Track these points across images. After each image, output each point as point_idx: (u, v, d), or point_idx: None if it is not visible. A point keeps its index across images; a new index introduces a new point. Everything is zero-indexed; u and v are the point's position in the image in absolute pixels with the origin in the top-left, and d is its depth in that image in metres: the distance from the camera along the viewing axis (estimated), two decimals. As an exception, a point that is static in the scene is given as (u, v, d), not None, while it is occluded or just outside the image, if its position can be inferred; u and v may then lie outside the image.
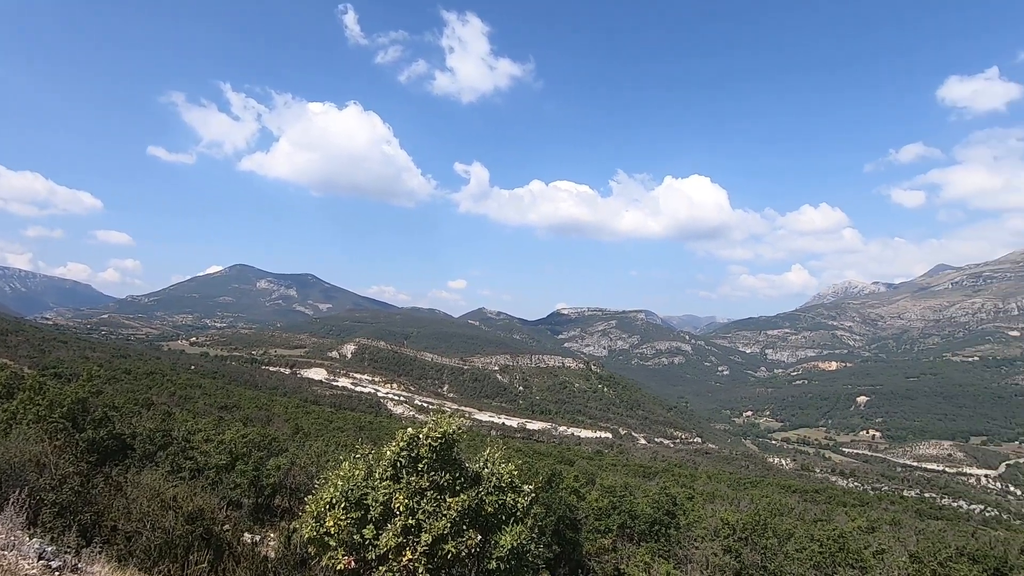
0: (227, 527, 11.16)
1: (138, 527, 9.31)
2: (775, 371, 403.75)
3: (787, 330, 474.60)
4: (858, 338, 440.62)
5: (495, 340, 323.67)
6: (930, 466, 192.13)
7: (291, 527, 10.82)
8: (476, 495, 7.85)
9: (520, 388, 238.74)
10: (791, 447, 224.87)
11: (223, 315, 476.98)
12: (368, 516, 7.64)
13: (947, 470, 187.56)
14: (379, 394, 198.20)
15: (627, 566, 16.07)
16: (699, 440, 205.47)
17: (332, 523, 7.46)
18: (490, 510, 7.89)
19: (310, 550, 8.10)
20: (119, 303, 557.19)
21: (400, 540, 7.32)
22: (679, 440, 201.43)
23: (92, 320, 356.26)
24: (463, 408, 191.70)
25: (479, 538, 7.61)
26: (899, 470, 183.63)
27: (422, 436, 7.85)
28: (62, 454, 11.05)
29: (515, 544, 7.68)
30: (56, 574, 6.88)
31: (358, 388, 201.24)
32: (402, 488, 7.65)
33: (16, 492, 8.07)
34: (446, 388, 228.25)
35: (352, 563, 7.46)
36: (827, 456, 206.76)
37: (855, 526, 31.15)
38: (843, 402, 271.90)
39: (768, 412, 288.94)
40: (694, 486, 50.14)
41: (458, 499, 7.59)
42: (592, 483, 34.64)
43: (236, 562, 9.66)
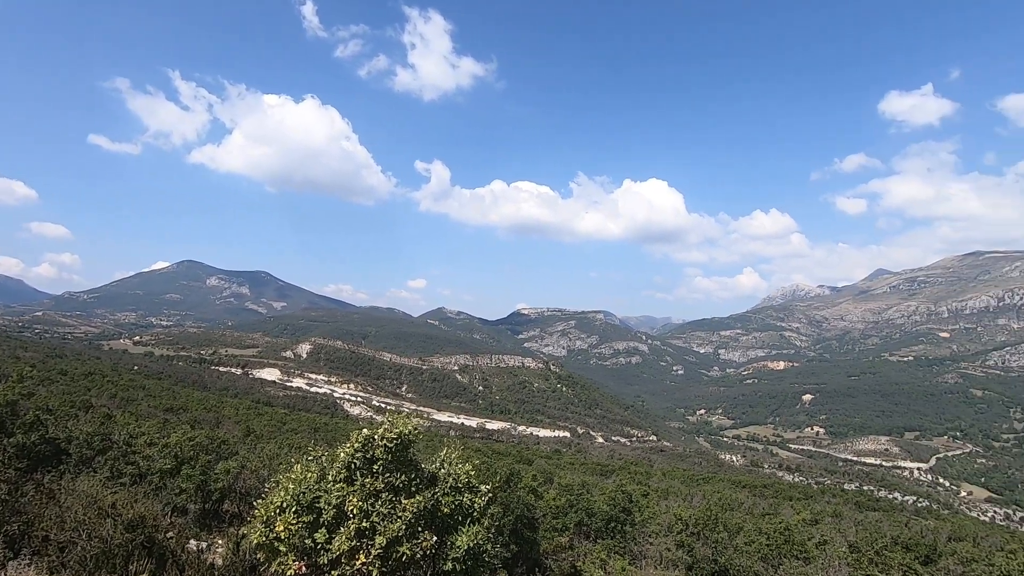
0: (171, 534, 10.70)
1: (72, 536, 8.81)
2: (727, 370, 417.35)
3: (739, 331, 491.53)
4: (804, 339, 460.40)
5: (455, 340, 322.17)
6: (869, 460, 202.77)
7: (240, 533, 10.46)
8: (432, 496, 7.78)
9: (480, 388, 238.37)
10: (742, 444, 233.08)
11: (170, 313, 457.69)
12: (320, 520, 7.45)
13: (884, 464, 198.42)
14: (335, 395, 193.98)
15: (584, 563, 16.25)
16: (655, 438, 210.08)
17: (282, 528, 7.24)
18: (446, 511, 7.84)
19: (259, 556, 7.84)
20: (55, 300, 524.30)
21: (353, 543, 7.17)
22: (635, 438, 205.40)
23: (24, 318, 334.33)
24: (422, 408, 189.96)
25: (435, 539, 7.55)
26: (840, 464, 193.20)
27: (377, 437, 7.72)
28: (-13, 461, 10.34)
29: (472, 544, 7.65)
30: (-22, 589, 6.43)
31: (313, 389, 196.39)
32: (356, 490, 7.50)
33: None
34: (405, 388, 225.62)
35: (303, 568, 7.27)
36: (775, 452, 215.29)
37: (800, 519, 32.49)
38: (790, 400, 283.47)
39: (720, 410, 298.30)
40: (649, 483, 51.20)
41: (414, 500, 7.51)
42: (550, 482, 34.89)
43: (180, 570, 9.29)
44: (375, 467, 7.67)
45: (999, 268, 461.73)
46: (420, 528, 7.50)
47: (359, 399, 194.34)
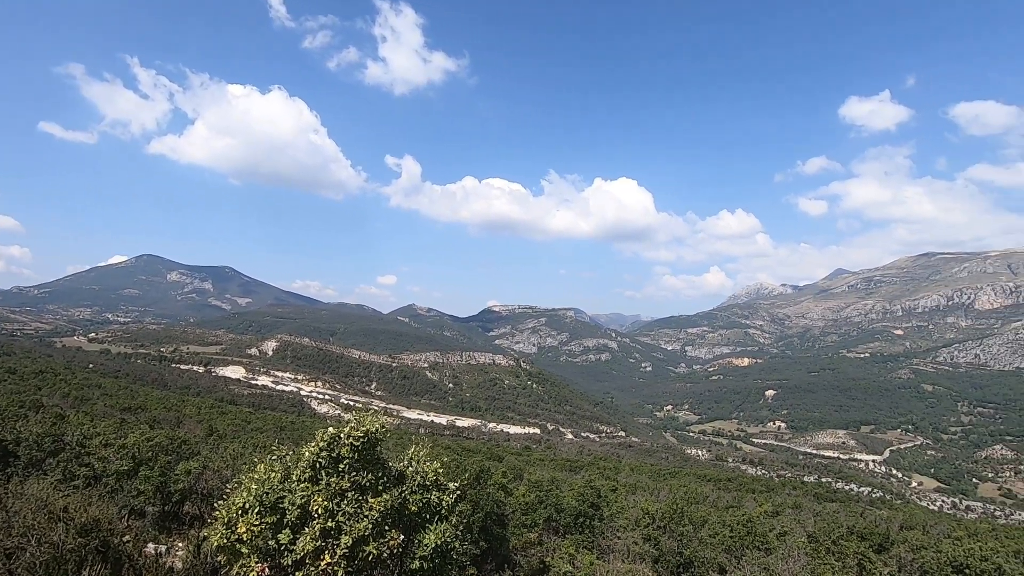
0: (127, 538, 10.34)
1: (21, 542, 8.43)
2: (694, 367, 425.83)
3: (705, 328, 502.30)
4: (768, 336, 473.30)
5: (425, 337, 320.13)
6: (827, 453, 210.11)
7: (201, 535, 10.19)
8: (399, 494, 7.73)
9: (450, 385, 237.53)
10: (707, 439, 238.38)
11: (128, 309, 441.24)
12: (284, 520, 7.32)
13: (841, 456, 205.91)
14: (303, 393, 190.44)
15: (552, 559, 16.39)
16: (623, 434, 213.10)
17: (245, 529, 7.08)
18: (414, 509, 7.80)
19: (220, 559, 7.66)
20: (3, 295, 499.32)
21: (318, 544, 7.07)
22: (604, 434, 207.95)
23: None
24: (391, 406, 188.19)
25: (402, 538, 7.50)
26: (801, 458, 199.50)
27: (343, 435, 7.62)
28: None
29: (439, 542, 7.63)
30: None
31: (280, 387, 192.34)
32: (321, 490, 7.39)
33: None
34: (374, 386, 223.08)
35: (266, 570, 7.13)
36: (739, 446, 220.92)
37: (762, 511, 33.41)
38: (753, 396, 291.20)
39: (687, 406, 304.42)
40: (618, 478, 51.86)
41: (380, 499, 7.44)
42: (520, 478, 35.01)
43: (137, 575, 8.99)
44: (341, 466, 7.56)
45: (949, 269, 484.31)
46: (387, 527, 7.43)
47: (327, 397, 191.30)
